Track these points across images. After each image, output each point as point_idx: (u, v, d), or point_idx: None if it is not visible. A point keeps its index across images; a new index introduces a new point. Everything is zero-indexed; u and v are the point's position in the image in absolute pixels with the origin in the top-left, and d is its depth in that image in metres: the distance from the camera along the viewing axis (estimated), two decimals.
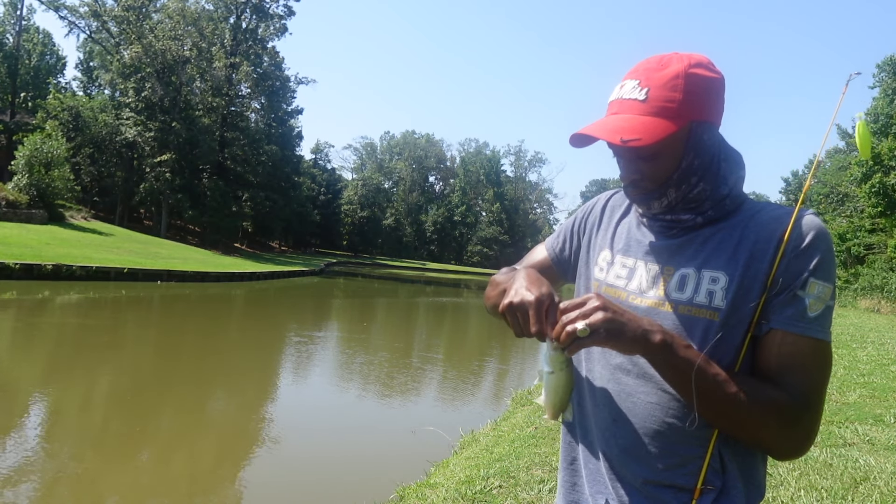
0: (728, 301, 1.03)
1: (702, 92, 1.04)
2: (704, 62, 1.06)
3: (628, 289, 1.14)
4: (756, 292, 1.02)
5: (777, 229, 1.03)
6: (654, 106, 1.03)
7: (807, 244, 1.02)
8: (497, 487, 3.94)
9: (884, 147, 22.49)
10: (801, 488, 3.41)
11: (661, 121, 1.02)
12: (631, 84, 1.07)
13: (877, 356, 7.92)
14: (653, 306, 1.09)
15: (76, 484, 5.17)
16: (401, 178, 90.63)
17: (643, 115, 1.03)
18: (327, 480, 5.71)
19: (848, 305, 21.64)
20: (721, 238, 1.07)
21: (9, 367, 9.18)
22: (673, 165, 1.07)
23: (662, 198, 1.09)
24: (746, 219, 1.08)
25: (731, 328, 1.03)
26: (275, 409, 8.50)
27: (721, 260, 1.05)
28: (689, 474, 1.05)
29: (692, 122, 1.05)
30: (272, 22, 51.16)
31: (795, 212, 1.04)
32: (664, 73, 1.04)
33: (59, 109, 42.32)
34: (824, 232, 1.04)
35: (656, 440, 1.08)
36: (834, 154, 39.78)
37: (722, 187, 1.09)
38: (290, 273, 36.04)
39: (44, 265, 19.03)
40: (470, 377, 11.78)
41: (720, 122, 1.09)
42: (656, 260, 1.12)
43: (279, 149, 53.76)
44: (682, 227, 1.11)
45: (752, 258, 1.03)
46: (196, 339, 13.48)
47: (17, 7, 48.62)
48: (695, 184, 1.08)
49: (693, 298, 1.06)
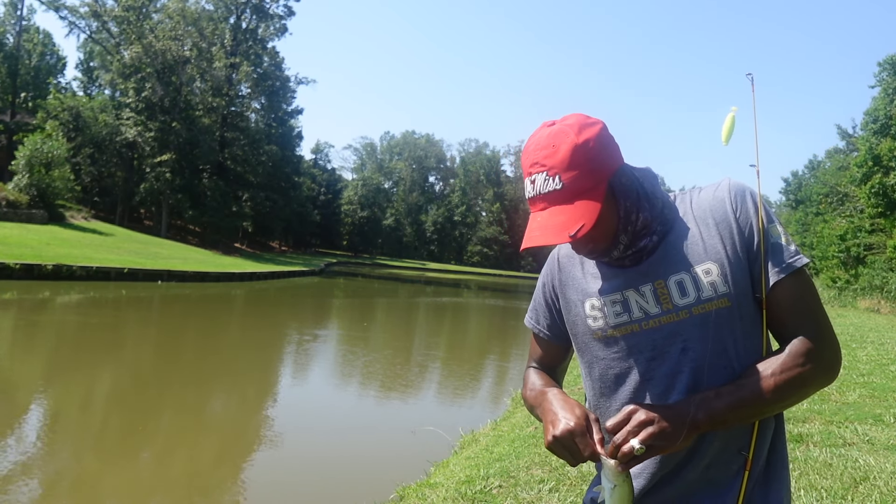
0: (731, 283, 1.12)
1: (599, 150, 1.09)
2: (582, 122, 1.10)
3: (634, 319, 1.17)
4: (745, 263, 1.13)
5: (724, 206, 1.15)
6: (573, 189, 1.07)
7: (748, 204, 1.15)
8: (497, 487, 3.94)
9: (883, 147, 22.49)
10: (801, 488, 3.41)
11: (586, 200, 1.07)
12: (541, 177, 1.09)
13: (877, 356, 7.93)
14: (669, 322, 1.14)
15: (76, 483, 5.17)
16: (401, 178, 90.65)
17: (569, 203, 1.07)
18: (327, 480, 5.71)
19: (848, 305, 21.65)
20: (684, 237, 1.16)
21: (9, 367, 9.19)
22: (614, 220, 1.13)
23: (618, 245, 1.15)
24: (688, 211, 1.19)
25: (743, 306, 1.12)
26: (275, 408, 8.50)
27: (699, 253, 1.14)
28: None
29: (608, 180, 1.10)
30: (272, 22, 51.19)
31: (727, 185, 1.18)
32: (561, 154, 1.07)
33: (60, 109, 42.33)
34: (745, 185, 1.18)
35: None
36: (834, 154, 39.80)
37: (656, 203, 1.17)
38: (290, 273, 36.05)
39: (44, 265, 19.04)
40: (470, 377, 11.78)
41: (622, 157, 1.15)
42: (643, 282, 1.17)
43: (279, 149, 53.79)
44: (645, 251, 1.17)
45: (723, 238, 1.14)
46: (196, 339, 13.48)
47: (18, 7, 48.64)
48: (636, 219, 1.15)
49: (700, 296, 1.12)
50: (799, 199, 40.82)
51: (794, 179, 54.20)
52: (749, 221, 1.14)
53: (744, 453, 1.13)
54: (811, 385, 1.10)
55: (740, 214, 1.14)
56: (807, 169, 50.01)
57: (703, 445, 1.13)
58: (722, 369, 1.12)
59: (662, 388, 1.15)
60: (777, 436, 1.18)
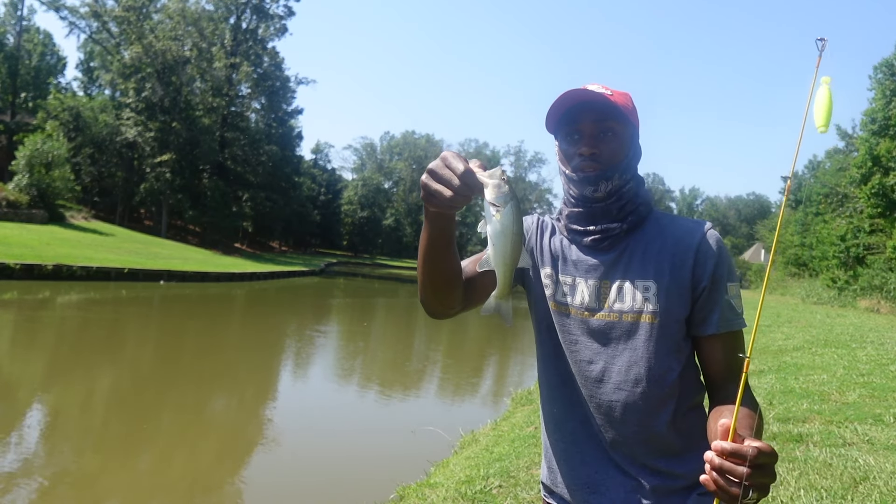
0: (661, 305, 1.21)
1: (636, 111, 1.29)
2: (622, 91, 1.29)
3: (573, 304, 1.28)
4: (684, 295, 1.21)
5: (692, 242, 1.22)
6: (618, 100, 1.23)
7: (717, 254, 1.22)
8: (497, 487, 3.94)
9: (882, 148, 22.47)
10: (801, 488, 3.41)
11: (625, 106, 1.24)
12: (594, 86, 1.25)
13: (876, 356, 7.92)
14: (602, 319, 1.24)
15: (77, 483, 5.17)
16: (401, 179, 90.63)
17: (612, 99, 1.23)
18: (327, 480, 5.71)
19: (848, 305, 21.63)
20: (644, 250, 1.24)
21: (10, 367, 9.19)
22: (623, 153, 1.25)
23: (609, 181, 1.24)
24: (661, 229, 1.26)
25: (667, 327, 1.21)
26: (275, 409, 8.51)
27: (649, 270, 1.22)
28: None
29: (636, 126, 1.28)
30: (272, 22, 51.17)
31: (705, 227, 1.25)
32: (614, 90, 1.26)
33: (60, 110, 42.33)
34: (722, 242, 1.26)
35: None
36: (833, 154, 39.76)
37: (641, 190, 1.29)
38: (290, 273, 36.04)
39: (44, 265, 19.04)
40: (470, 377, 11.78)
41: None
42: (594, 276, 1.27)
43: (279, 149, 53.75)
44: (610, 237, 1.25)
45: (674, 266, 1.22)
46: (196, 339, 13.48)
47: (18, 7, 48.63)
48: (629, 178, 1.26)
49: (633, 307, 1.22)
50: (799, 200, 40.77)
51: (794, 179, 54.08)
52: (707, 267, 1.21)
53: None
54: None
55: (700, 255, 1.22)
56: (807, 169, 49.97)
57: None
58: (632, 376, 1.21)
59: (580, 371, 1.26)
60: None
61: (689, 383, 1.25)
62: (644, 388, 1.21)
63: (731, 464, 0.88)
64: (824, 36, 1.09)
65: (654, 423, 1.22)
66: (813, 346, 9.04)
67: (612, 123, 1.23)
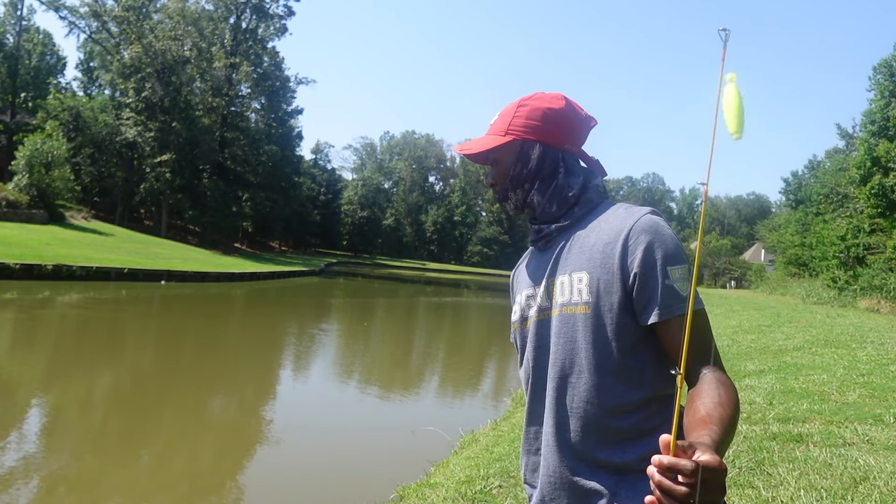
0: (593, 294, 1.22)
1: (532, 118, 1.33)
2: (548, 97, 1.35)
3: (541, 307, 1.32)
4: (614, 283, 1.21)
5: (622, 229, 1.22)
6: (493, 128, 1.38)
7: (649, 239, 1.20)
8: (497, 487, 3.94)
9: (881, 149, 22.45)
10: (801, 488, 3.41)
11: (493, 137, 1.36)
12: (486, 133, 1.39)
13: (876, 356, 7.91)
14: (553, 315, 1.29)
15: (76, 483, 5.17)
16: (401, 179, 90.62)
17: (487, 135, 1.37)
18: (328, 480, 5.71)
19: (848, 305, 21.62)
20: (580, 243, 1.28)
21: (10, 367, 9.19)
22: (507, 172, 1.36)
23: (507, 200, 1.38)
24: (604, 219, 1.28)
25: (601, 317, 1.22)
26: (275, 408, 8.51)
27: (582, 261, 1.26)
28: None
29: (519, 140, 1.34)
30: (272, 22, 51.17)
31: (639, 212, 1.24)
32: (512, 105, 1.36)
33: (60, 109, 42.33)
34: (658, 225, 1.22)
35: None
36: (833, 154, 39.73)
37: (566, 196, 1.32)
38: (290, 273, 36.04)
39: (44, 265, 19.04)
40: (470, 377, 11.78)
41: (562, 143, 1.34)
42: (545, 277, 1.32)
43: (279, 149, 53.74)
44: (543, 237, 1.35)
45: (604, 255, 1.23)
46: (196, 338, 13.48)
47: (18, 7, 48.63)
48: (528, 190, 1.35)
49: (570, 299, 1.26)
50: (799, 200, 40.75)
51: (793, 179, 54.09)
52: (636, 254, 1.19)
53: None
54: (734, 392, 1.13)
55: (630, 242, 1.21)
56: (807, 169, 49.91)
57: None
58: (575, 368, 1.24)
59: (541, 376, 1.29)
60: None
61: (637, 373, 1.22)
62: (586, 379, 1.22)
63: (668, 481, 0.83)
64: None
65: (597, 412, 1.22)
66: (813, 346, 9.03)
67: (493, 157, 1.37)
